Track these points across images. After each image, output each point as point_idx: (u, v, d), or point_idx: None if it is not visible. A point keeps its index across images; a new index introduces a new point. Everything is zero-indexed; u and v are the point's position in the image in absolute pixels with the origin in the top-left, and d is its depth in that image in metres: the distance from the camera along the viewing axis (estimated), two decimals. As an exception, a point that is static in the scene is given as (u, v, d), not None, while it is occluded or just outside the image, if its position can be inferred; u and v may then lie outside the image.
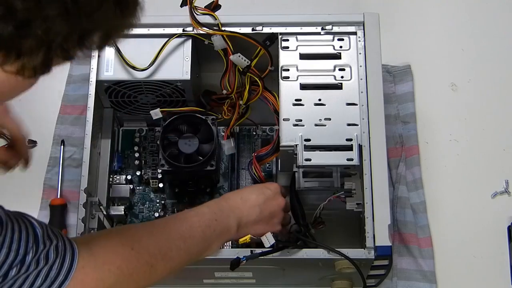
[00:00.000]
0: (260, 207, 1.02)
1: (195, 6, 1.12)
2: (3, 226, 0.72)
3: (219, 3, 1.13)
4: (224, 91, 1.14)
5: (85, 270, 0.79)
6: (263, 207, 1.03)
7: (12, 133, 1.10)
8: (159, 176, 1.22)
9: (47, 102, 1.36)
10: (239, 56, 1.09)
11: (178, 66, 1.14)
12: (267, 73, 1.12)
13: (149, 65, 1.13)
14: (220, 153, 1.24)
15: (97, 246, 0.82)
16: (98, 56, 1.15)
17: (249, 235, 1.05)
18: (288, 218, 1.10)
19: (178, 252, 0.91)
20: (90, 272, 0.80)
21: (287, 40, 1.13)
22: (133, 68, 1.13)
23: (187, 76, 1.14)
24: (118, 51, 1.14)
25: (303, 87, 1.11)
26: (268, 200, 1.04)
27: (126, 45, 1.15)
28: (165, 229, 0.92)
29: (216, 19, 1.13)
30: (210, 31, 1.12)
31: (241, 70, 1.11)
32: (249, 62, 1.10)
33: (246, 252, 1.03)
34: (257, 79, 1.11)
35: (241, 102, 1.14)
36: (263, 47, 1.11)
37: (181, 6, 1.12)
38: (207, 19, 1.13)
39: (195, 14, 1.12)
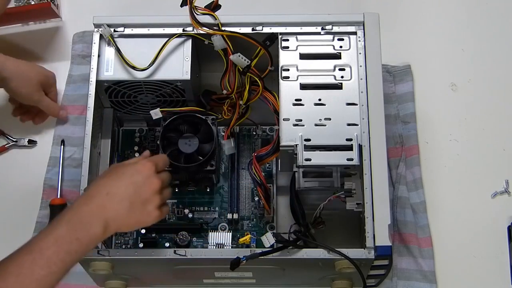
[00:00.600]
0: (129, 200, 0.93)
1: (195, 6, 1.12)
2: None
3: (219, 3, 1.13)
4: (224, 91, 1.14)
5: None
6: (133, 199, 0.94)
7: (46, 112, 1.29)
8: (159, 176, 1.22)
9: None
10: (239, 56, 1.09)
11: (178, 66, 1.14)
12: (267, 73, 1.12)
13: (149, 65, 1.13)
14: (220, 153, 1.24)
15: None
16: (98, 56, 1.15)
17: (249, 236, 1.06)
18: (167, 193, 1.01)
19: None
20: None
21: (287, 40, 1.13)
22: (133, 68, 1.13)
23: (187, 76, 1.14)
24: (118, 51, 1.14)
25: (303, 87, 1.11)
26: (139, 188, 0.95)
27: (126, 45, 1.15)
28: (18, 279, 0.83)
29: (216, 19, 1.13)
30: (210, 31, 1.12)
31: (241, 70, 1.11)
32: (249, 62, 1.10)
33: (246, 252, 1.03)
34: (257, 79, 1.11)
35: (241, 102, 1.14)
36: (263, 47, 1.11)
37: (181, 6, 1.12)
38: (207, 19, 1.14)
39: (195, 14, 1.12)
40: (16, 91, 1.25)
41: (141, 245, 1.19)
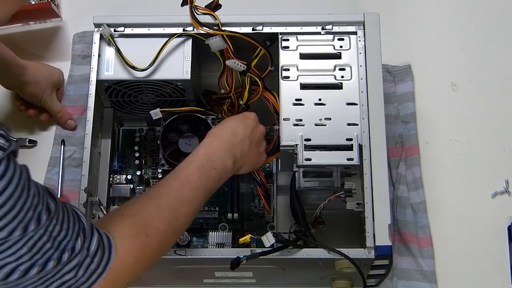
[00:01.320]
0: (249, 138, 1.03)
1: (196, 6, 1.12)
2: (57, 206, 0.76)
3: (220, 2, 1.13)
4: (222, 91, 1.14)
5: (110, 268, 0.81)
6: (251, 138, 1.03)
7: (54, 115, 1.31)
8: (159, 176, 1.22)
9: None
10: (234, 62, 1.09)
11: (178, 66, 1.14)
12: (267, 73, 1.12)
13: (149, 65, 1.13)
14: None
15: (117, 238, 0.83)
16: (99, 56, 1.15)
17: (249, 235, 1.06)
18: (267, 144, 1.10)
19: (185, 218, 0.93)
20: (114, 268, 0.81)
21: (287, 40, 1.14)
22: (133, 68, 1.13)
23: (187, 76, 1.14)
24: (118, 51, 1.14)
25: (303, 87, 1.11)
26: (253, 130, 1.04)
27: (126, 45, 1.15)
28: (170, 200, 0.92)
29: (216, 19, 1.13)
30: (210, 31, 1.12)
31: (241, 70, 1.11)
32: (245, 66, 1.10)
33: (246, 252, 1.03)
34: (257, 79, 1.11)
35: (241, 102, 1.14)
36: (263, 47, 1.11)
37: (182, 5, 1.12)
38: (207, 18, 1.13)
39: (195, 14, 1.12)
40: (31, 95, 1.27)
41: (141, 245, 1.19)
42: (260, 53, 1.11)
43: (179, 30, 1.15)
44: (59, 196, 1.26)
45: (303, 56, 1.13)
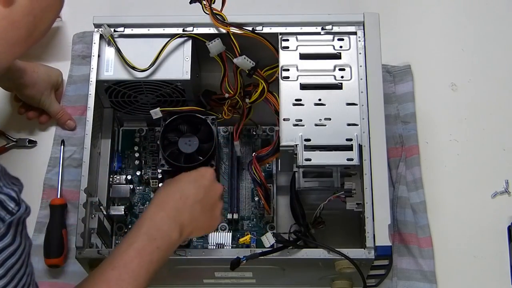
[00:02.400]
0: (200, 203, 0.96)
1: (205, 4, 1.12)
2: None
3: (220, 2, 1.13)
4: (226, 95, 1.14)
5: None
6: (203, 202, 0.97)
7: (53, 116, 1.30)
8: (159, 176, 1.22)
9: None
10: (244, 58, 1.09)
11: (178, 66, 1.14)
12: (274, 79, 1.13)
13: (150, 65, 1.13)
14: (220, 153, 1.24)
15: None
16: (98, 56, 1.15)
17: (249, 236, 1.06)
18: (222, 203, 1.03)
19: None
20: None
21: (287, 40, 1.14)
22: (133, 68, 1.13)
23: (187, 76, 1.14)
24: (118, 51, 1.14)
25: (303, 87, 1.11)
26: (207, 192, 0.97)
27: (126, 45, 1.15)
28: None
29: (225, 19, 1.13)
30: (238, 31, 1.11)
31: (247, 72, 1.11)
32: (254, 63, 1.10)
33: (246, 252, 1.03)
34: (262, 82, 1.11)
35: (247, 100, 1.14)
36: (273, 47, 1.11)
37: (191, 3, 1.12)
38: (208, 18, 1.13)
39: (212, 11, 1.12)
40: (30, 97, 1.28)
41: (141, 245, 1.19)
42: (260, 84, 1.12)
43: (179, 30, 1.15)
44: (59, 196, 1.26)
45: (303, 56, 1.13)
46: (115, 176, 1.22)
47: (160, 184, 1.22)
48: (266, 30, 1.14)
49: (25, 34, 0.79)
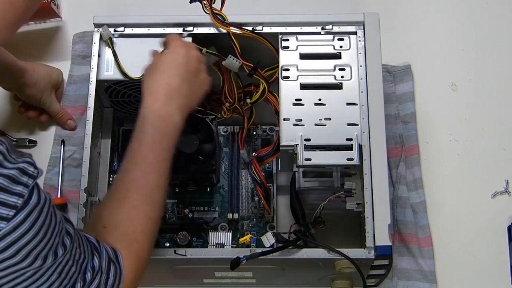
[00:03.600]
0: (187, 78, 1.00)
1: (205, 4, 1.12)
2: (75, 230, 0.79)
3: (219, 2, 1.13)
4: (227, 104, 1.15)
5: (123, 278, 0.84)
6: (189, 75, 1.01)
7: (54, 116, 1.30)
8: (159, 176, 1.22)
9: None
10: (230, 57, 1.10)
11: (178, 66, 1.14)
12: (274, 79, 1.13)
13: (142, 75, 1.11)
14: (220, 153, 1.24)
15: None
16: (99, 56, 1.15)
17: (249, 235, 1.05)
18: (204, 59, 1.07)
19: (161, 201, 0.93)
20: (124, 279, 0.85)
21: (287, 40, 1.13)
22: (125, 75, 1.12)
23: (187, 76, 1.13)
24: (115, 55, 1.12)
25: (303, 87, 1.11)
26: (186, 64, 1.01)
27: (126, 45, 1.15)
28: (140, 193, 0.91)
29: (225, 19, 1.13)
30: (237, 31, 1.11)
31: (248, 72, 1.11)
32: (241, 62, 1.10)
33: (246, 252, 1.03)
34: (263, 82, 1.11)
35: (248, 100, 1.14)
36: (274, 48, 1.12)
37: (191, 2, 1.12)
38: (208, 18, 1.13)
39: (212, 11, 1.12)
40: (30, 97, 1.28)
41: (141, 245, 1.19)
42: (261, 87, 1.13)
43: (179, 30, 1.15)
44: (59, 196, 1.26)
45: (303, 56, 1.12)
46: (115, 176, 1.22)
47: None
48: (266, 30, 1.14)
49: (21, 14, 0.90)
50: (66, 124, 1.31)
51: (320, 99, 1.10)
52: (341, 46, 1.13)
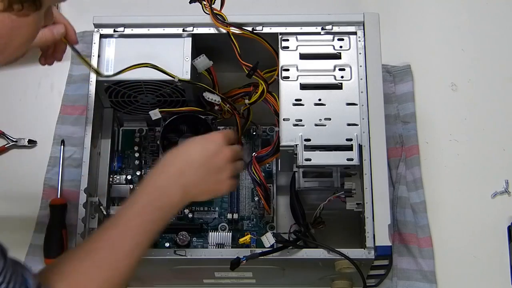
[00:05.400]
0: (205, 166, 0.96)
1: (205, 4, 1.12)
2: (7, 265, 0.75)
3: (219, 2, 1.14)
4: (216, 107, 1.16)
5: None
6: (208, 166, 0.96)
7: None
8: (159, 176, 1.22)
9: (47, 102, 1.36)
10: (207, 97, 1.12)
11: (178, 66, 1.14)
12: (273, 80, 1.13)
13: (115, 73, 1.09)
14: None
15: None
16: (98, 56, 1.15)
17: (249, 236, 1.05)
18: (240, 166, 1.02)
19: (128, 269, 0.88)
20: None
21: (287, 40, 1.13)
22: (97, 72, 1.11)
23: (187, 76, 1.14)
24: (76, 52, 1.07)
25: (303, 87, 1.11)
26: (212, 156, 0.96)
27: (126, 45, 1.15)
28: (110, 254, 0.87)
29: (225, 19, 1.13)
30: (237, 31, 1.11)
31: (247, 72, 1.11)
32: (220, 100, 1.13)
33: (246, 252, 1.03)
34: (262, 82, 1.11)
35: (246, 101, 1.14)
36: (272, 48, 1.12)
37: (190, 2, 1.12)
38: (208, 18, 1.13)
39: (212, 11, 1.12)
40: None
41: (141, 245, 1.19)
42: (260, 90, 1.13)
43: (179, 30, 1.15)
44: (59, 196, 1.26)
45: (303, 56, 1.12)
46: (115, 176, 1.22)
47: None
48: (266, 30, 1.14)
49: None
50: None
51: (320, 99, 1.10)
52: (341, 46, 1.13)
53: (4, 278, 0.74)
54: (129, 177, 1.22)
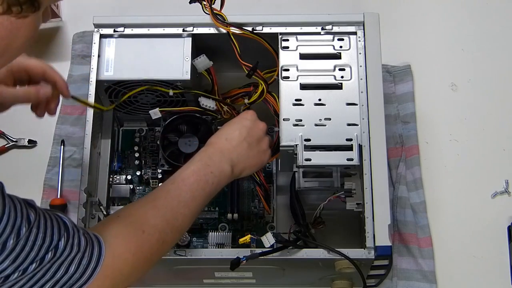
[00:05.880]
0: (246, 141, 1.02)
1: (205, 4, 1.12)
2: (37, 214, 0.77)
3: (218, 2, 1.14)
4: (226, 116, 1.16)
5: (105, 262, 0.81)
6: (249, 140, 1.03)
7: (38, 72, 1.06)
8: (159, 176, 1.22)
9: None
10: (203, 104, 1.13)
11: (178, 66, 1.14)
12: (273, 80, 1.13)
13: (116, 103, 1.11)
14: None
15: (111, 237, 0.84)
16: (98, 56, 1.15)
17: (249, 236, 1.05)
18: (271, 140, 1.09)
19: (184, 219, 0.93)
20: (110, 264, 0.82)
21: (287, 40, 1.13)
22: (100, 109, 1.15)
23: (187, 76, 1.14)
24: (74, 98, 1.05)
25: (303, 87, 1.11)
26: (250, 130, 1.04)
27: (126, 45, 1.15)
28: (167, 201, 0.93)
29: (225, 19, 1.13)
30: (237, 31, 1.12)
31: (247, 72, 1.11)
32: (215, 107, 1.13)
33: (246, 252, 1.03)
34: (262, 82, 1.11)
35: (246, 101, 1.14)
36: (272, 48, 1.12)
37: (190, 2, 1.12)
38: (208, 18, 1.13)
39: (212, 11, 1.12)
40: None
41: (141, 245, 1.19)
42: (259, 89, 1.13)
43: (179, 30, 1.15)
44: (59, 196, 1.26)
45: (303, 56, 1.12)
46: (115, 176, 1.22)
47: (160, 184, 1.22)
48: (266, 30, 1.14)
49: None
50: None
51: (320, 99, 1.10)
52: (341, 46, 1.13)
53: (38, 228, 0.76)
54: (129, 177, 1.22)
